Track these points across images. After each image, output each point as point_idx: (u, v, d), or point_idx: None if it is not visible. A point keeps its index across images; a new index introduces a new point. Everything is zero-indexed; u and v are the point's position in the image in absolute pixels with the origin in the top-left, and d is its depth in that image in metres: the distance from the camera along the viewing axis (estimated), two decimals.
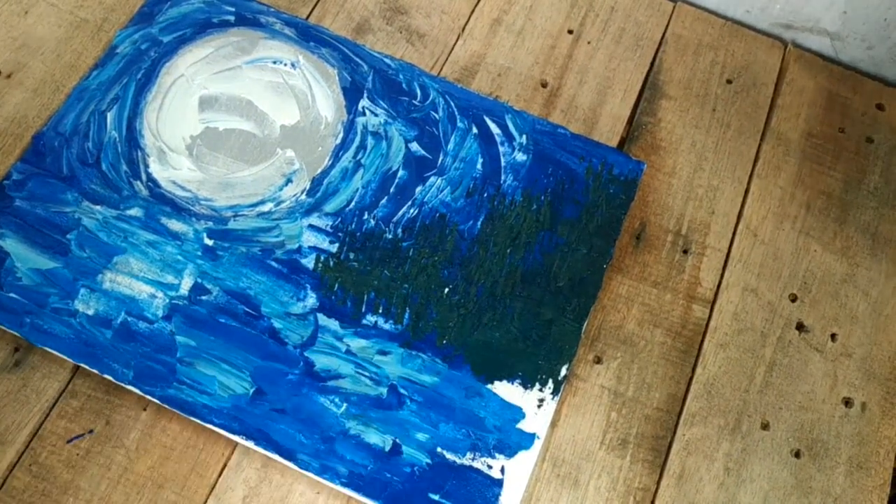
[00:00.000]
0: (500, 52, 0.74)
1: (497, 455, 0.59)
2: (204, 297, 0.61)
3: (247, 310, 0.61)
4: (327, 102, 0.69)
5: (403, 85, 0.70)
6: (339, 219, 0.65)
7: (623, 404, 0.62)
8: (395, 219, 0.65)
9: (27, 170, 0.64)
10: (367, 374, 0.60)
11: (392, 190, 0.66)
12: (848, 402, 0.63)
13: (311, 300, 0.62)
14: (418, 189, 0.67)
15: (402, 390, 0.60)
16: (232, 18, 0.72)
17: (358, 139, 0.68)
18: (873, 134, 0.74)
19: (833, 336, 0.66)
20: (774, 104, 0.74)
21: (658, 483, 0.60)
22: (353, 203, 0.66)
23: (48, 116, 0.67)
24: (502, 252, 0.65)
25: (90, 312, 0.60)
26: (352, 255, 0.64)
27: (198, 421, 0.58)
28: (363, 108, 0.69)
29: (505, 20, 0.76)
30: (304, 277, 0.63)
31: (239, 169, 0.66)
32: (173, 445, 0.59)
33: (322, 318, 0.62)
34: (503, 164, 0.68)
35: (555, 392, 0.61)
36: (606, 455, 0.61)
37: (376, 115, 0.69)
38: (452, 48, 0.74)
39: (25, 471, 0.57)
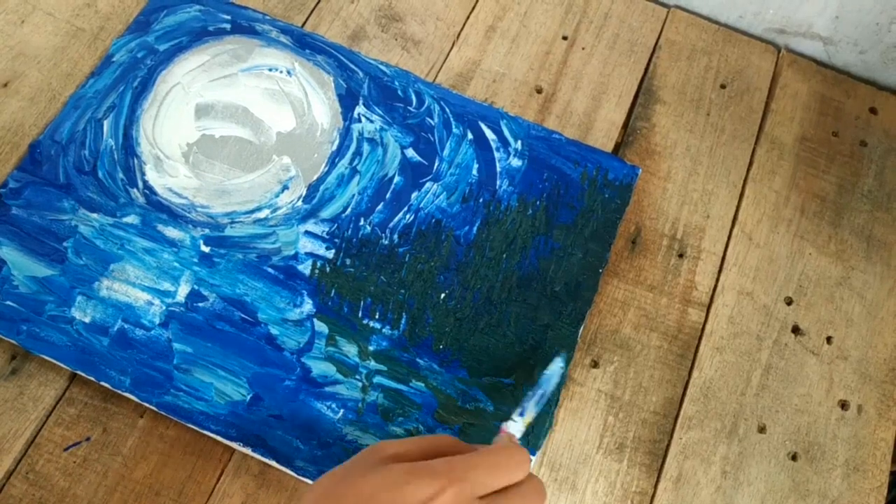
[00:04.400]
0: (494, 59, 0.75)
1: None
2: (201, 304, 0.62)
3: (243, 316, 0.61)
4: (323, 109, 0.69)
5: (399, 91, 0.71)
6: (336, 225, 0.65)
7: (620, 408, 0.62)
8: (391, 225, 0.66)
9: (23, 178, 0.65)
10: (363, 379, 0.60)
11: (388, 196, 0.67)
12: (844, 405, 0.64)
13: (308, 306, 0.62)
14: (414, 195, 0.67)
15: None
16: (228, 26, 0.72)
17: (354, 146, 0.68)
18: (867, 137, 0.74)
19: (829, 339, 0.66)
20: (768, 108, 0.75)
21: (655, 487, 0.60)
22: (349, 209, 0.66)
23: (45, 125, 0.67)
24: (498, 257, 0.65)
25: (87, 320, 0.60)
26: (348, 261, 0.64)
27: (195, 427, 0.58)
28: (359, 114, 0.69)
29: (500, 27, 0.76)
30: (301, 283, 0.63)
31: (235, 176, 0.66)
32: (170, 452, 0.59)
33: (319, 324, 0.62)
34: (499, 169, 0.68)
35: None
36: (604, 459, 0.61)
37: (372, 121, 0.69)
38: (447, 55, 0.75)
39: (22, 479, 0.57)
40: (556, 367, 0.58)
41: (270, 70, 0.70)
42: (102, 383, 0.59)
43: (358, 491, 0.41)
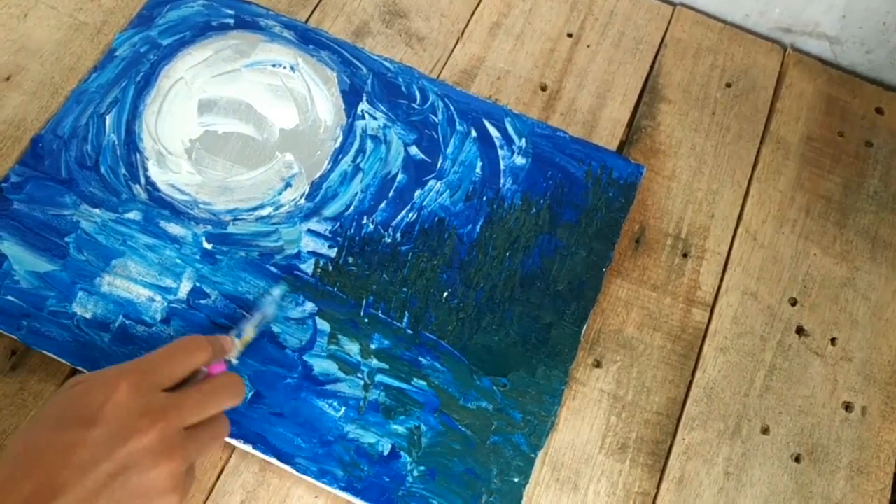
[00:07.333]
0: (499, 56, 0.74)
1: None
2: (202, 301, 0.61)
3: (245, 314, 0.61)
4: (326, 106, 0.69)
5: (403, 88, 0.70)
6: (339, 223, 0.65)
7: (622, 408, 0.62)
8: (394, 223, 0.65)
9: (25, 172, 0.64)
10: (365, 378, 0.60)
11: (391, 194, 0.66)
12: (848, 407, 0.63)
13: (310, 305, 0.62)
14: (417, 193, 0.66)
15: None
16: (231, 21, 0.72)
17: (357, 143, 0.68)
18: (872, 138, 0.74)
19: (833, 340, 0.65)
20: (774, 108, 0.74)
21: (658, 487, 0.60)
22: (352, 207, 0.66)
23: (47, 119, 0.67)
24: (501, 256, 0.65)
25: (88, 316, 0.60)
26: (350, 260, 0.64)
27: None
28: (362, 111, 0.69)
29: (504, 24, 0.76)
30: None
31: (238, 172, 0.66)
32: None
33: (321, 323, 0.61)
34: (502, 167, 0.68)
35: None
36: (606, 459, 0.61)
37: (375, 118, 0.69)
38: (452, 51, 0.74)
39: None
40: (276, 292, 0.61)
41: (274, 66, 0.70)
42: None
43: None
